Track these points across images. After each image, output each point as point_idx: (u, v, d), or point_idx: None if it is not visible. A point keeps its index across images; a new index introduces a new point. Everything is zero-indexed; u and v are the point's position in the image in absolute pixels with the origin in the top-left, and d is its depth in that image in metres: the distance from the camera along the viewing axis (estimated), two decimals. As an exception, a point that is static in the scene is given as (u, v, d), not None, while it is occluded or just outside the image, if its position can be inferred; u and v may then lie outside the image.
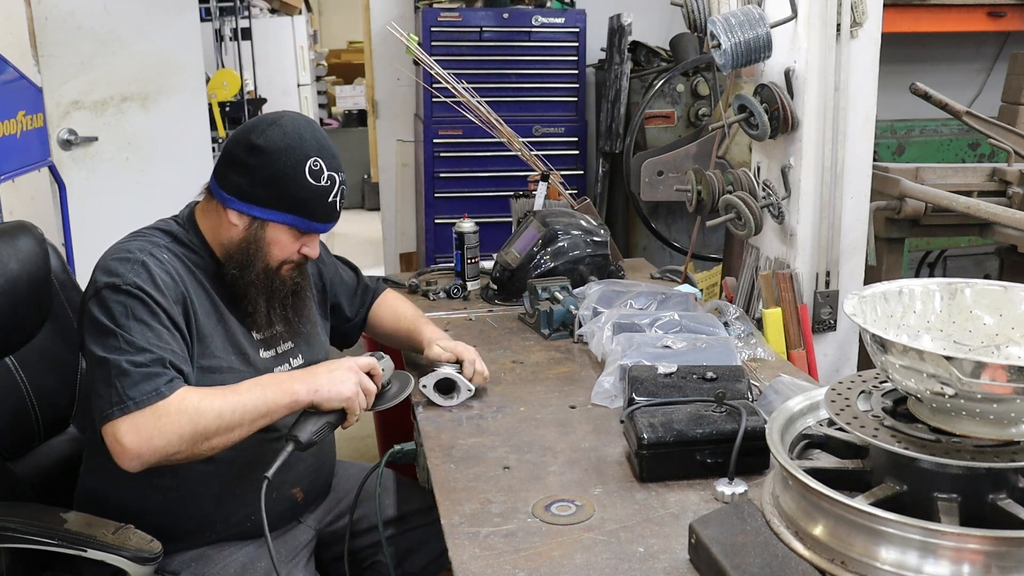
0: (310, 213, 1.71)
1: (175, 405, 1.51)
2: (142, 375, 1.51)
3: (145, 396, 1.49)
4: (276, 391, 1.59)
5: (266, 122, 1.71)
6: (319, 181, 1.69)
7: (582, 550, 1.33)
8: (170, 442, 1.49)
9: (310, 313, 1.87)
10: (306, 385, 1.60)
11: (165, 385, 1.51)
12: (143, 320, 1.56)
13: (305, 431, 1.59)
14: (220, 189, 1.71)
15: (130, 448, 1.48)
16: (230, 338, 1.72)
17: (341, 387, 1.62)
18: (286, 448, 1.58)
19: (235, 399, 1.55)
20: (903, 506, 1.20)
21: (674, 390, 1.71)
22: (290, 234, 1.73)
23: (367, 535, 1.93)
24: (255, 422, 1.57)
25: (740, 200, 2.36)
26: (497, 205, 3.79)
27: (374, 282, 2.18)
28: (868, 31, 2.25)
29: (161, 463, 1.51)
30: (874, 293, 1.36)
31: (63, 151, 3.63)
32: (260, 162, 1.67)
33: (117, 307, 1.56)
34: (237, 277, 1.72)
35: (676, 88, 3.89)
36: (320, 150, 1.70)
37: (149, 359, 1.53)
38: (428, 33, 3.95)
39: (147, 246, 1.66)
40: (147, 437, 1.48)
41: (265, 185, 1.68)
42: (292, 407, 1.60)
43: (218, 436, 1.53)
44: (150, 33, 3.73)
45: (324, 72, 10.57)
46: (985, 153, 4.12)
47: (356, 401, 1.63)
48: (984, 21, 4.03)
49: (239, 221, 1.70)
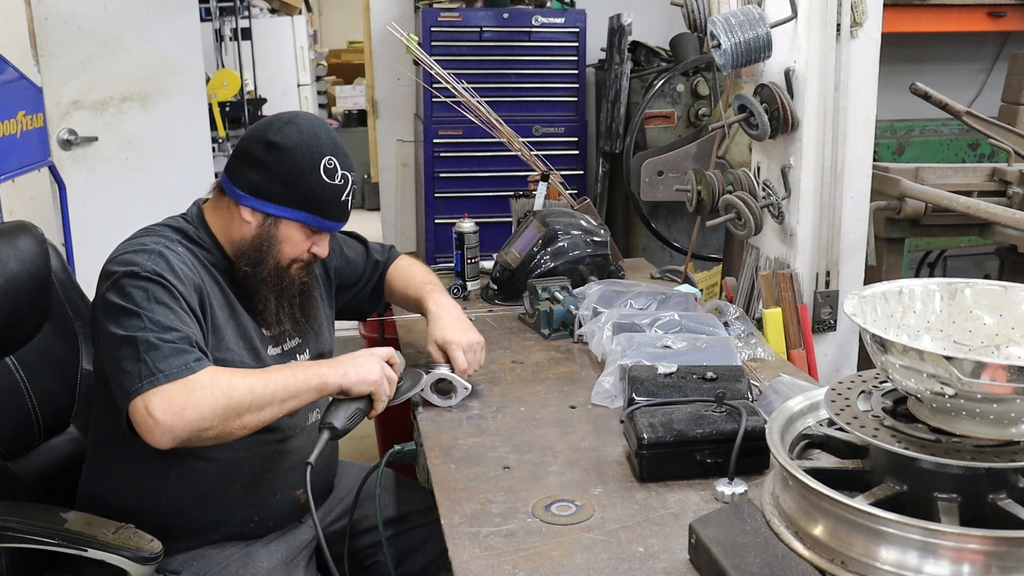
0: (323, 211, 1.72)
1: (207, 378, 1.49)
2: (172, 349, 1.49)
3: (175, 369, 1.48)
4: (306, 373, 1.60)
5: (282, 120, 1.72)
6: (333, 180, 1.70)
7: (582, 550, 1.33)
8: (203, 415, 1.47)
9: (317, 313, 1.88)
10: (334, 369, 1.61)
11: (195, 362, 1.50)
12: (165, 303, 1.55)
13: (339, 418, 1.60)
14: (233, 186, 1.71)
15: (163, 421, 1.44)
16: (242, 332, 1.72)
17: (367, 372, 1.63)
18: (323, 436, 1.59)
19: (265, 378, 1.55)
20: (903, 506, 1.21)
21: (674, 390, 1.71)
22: (302, 232, 1.73)
23: (367, 535, 1.93)
24: (285, 402, 1.56)
25: (740, 200, 2.36)
26: (497, 205, 3.79)
27: (384, 252, 2.16)
28: (868, 31, 2.25)
29: (192, 439, 1.48)
30: (874, 293, 1.36)
31: (63, 151, 3.63)
32: (276, 159, 1.68)
33: (138, 292, 1.55)
34: (249, 274, 1.72)
35: (676, 88, 3.89)
36: (334, 149, 1.72)
37: (176, 337, 1.52)
38: (428, 33, 3.95)
39: (161, 240, 1.67)
40: (180, 408, 1.45)
41: (280, 182, 1.68)
42: (321, 390, 1.60)
43: (250, 413, 1.51)
44: (150, 33, 3.73)
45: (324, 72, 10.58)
46: (985, 153, 4.12)
47: (383, 385, 1.64)
48: (984, 21, 4.02)
49: (252, 218, 1.71)
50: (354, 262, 2.09)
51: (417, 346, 2.24)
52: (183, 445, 1.49)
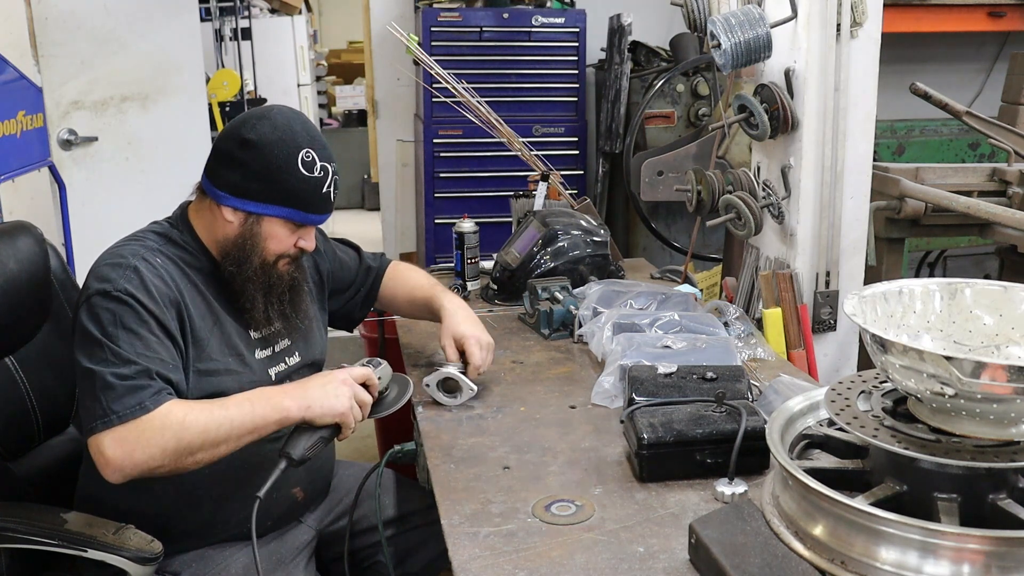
0: (305, 205, 1.71)
1: (159, 420, 1.49)
2: (126, 388, 1.50)
3: (129, 410, 1.48)
4: (265, 407, 1.57)
5: (255, 116, 1.70)
6: (312, 172, 1.69)
7: (582, 550, 1.33)
8: (152, 456, 1.48)
9: (307, 308, 1.86)
10: (297, 401, 1.58)
11: (150, 399, 1.50)
12: (131, 329, 1.55)
13: (298, 448, 1.57)
14: (213, 186, 1.70)
15: (112, 461, 1.47)
16: (226, 340, 1.71)
17: (334, 402, 1.59)
18: (279, 465, 1.57)
19: (222, 414, 1.53)
20: (903, 506, 1.21)
21: (674, 390, 1.70)
22: (286, 227, 1.72)
23: (367, 535, 1.93)
24: (242, 438, 1.55)
25: (740, 200, 2.36)
26: (497, 205, 3.79)
27: (377, 259, 2.16)
28: (868, 31, 2.25)
29: (145, 476, 1.50)
30: (874, 293, 1.36)
31: (63, 151, 3.63)
32: (252, 156, 1.66)
33: (106, 315, 1.55)
34: (234, 274, 1.71)
35: (676, 88, 3.89)
36: (311, 141, 1.70)
37: (135, 371, 1.51)
38: (428, 33, 3.95)
39: (140, 250, 1.65)
40: (129, 451, 1.47)
41: (259, 179, 1.67)
42: (282, 423, 1.58)
43: (203, 451, 1.52)
44: (150, 33, 3.73)
45: (324, 72, 10.57)
46: (985, 153, 4.12)
47: (350, 415, 1.61)
48: (984, 21, 4.02)
49: (234, 217, 1.69)
50: (348, 266, 2.09)
51: (417, 346, 2.25)
52: (136, 478, 1.50)
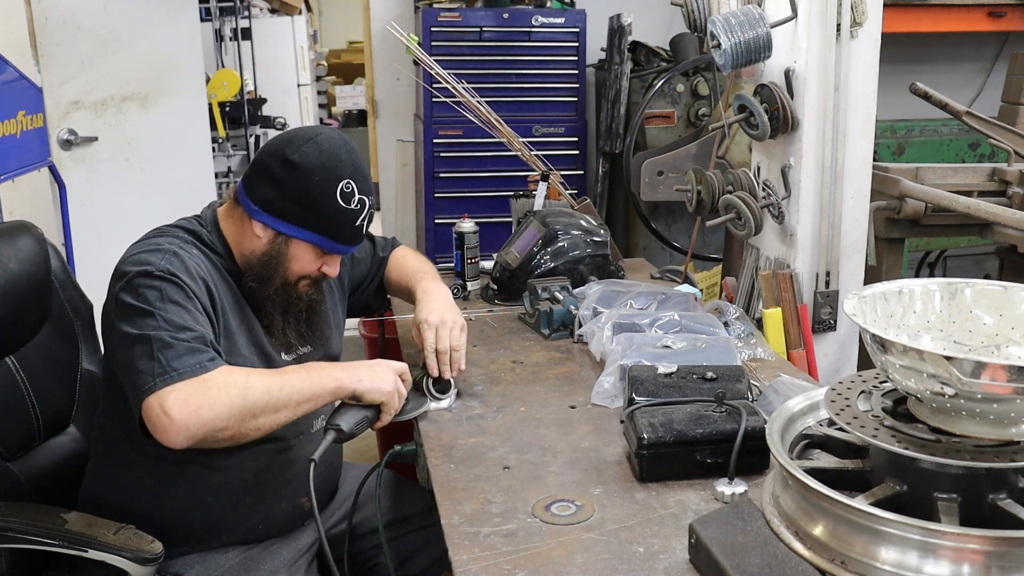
0: (336, 235, 1.70)
1: (223, 378, 1.47)
2: (186, 348, 1.47)
3: (190, 368, 1.46)
4: (321, 375, 1.58)
5: (302, 138, 1.68)
6: (349, 204, 1.67)
7: (582, 550, 1.33)
8: (219, 415, 1.44)
9: (324, 326, 1.86)
10: (349, 374, 1.60)
11: (209, 361, 1.49)
12: (179, 303, 1.54)
13: (347, 421, 1.60)
14: (248, 199, 1.69)
15: (178, 419, 1.42)
16: (254, 338, 1.72)
17: (381, 382, 1.62)
18: (327, 436, 1.57)
19: (281, 379, 1.54)
20: (903, 506, 1.20)
21: (674, 390, 1.70)
22: (313, 252, 1.71)
23: (368, 537, 1.93)
24: (300, 405, 1.54)
25: (740, 200, 2.36)
26: (497, 205, 3.79)
27: (386, 247, 2.16)
28: (868, 31, 2.25)
29: (207, 440, 1.46)
30: (874, 293, 1.36)
31: (63, 151, 3.63)
32: (292, 178, 1.65)
33: (151, 292, 1.53)
34: (255, 290, 1.71)
35: (676, 88, 3.89)
36: (354, 172, 1.68)
37: (190, 336, 1.50)
38: (428, 33, 3.96)
39: (175, 241, 1.65)
40: (195, 407, 1.43)
41: (294, 202, 1.66)
42: (335, 393, 1.59)
43: (265, 415, 1.50)
44: (150, 33, 3.73)
45: (324, 72, 10.57)
46: (985, 153, 4.12)
47: (395, 397, 1.63)
48: (984, 21, 4.02)
49: (263, 234, 1.68)
50: (363, 261, 2.09)
51: (417, 346, 2.24)
52: (198, 445, 1.46)
